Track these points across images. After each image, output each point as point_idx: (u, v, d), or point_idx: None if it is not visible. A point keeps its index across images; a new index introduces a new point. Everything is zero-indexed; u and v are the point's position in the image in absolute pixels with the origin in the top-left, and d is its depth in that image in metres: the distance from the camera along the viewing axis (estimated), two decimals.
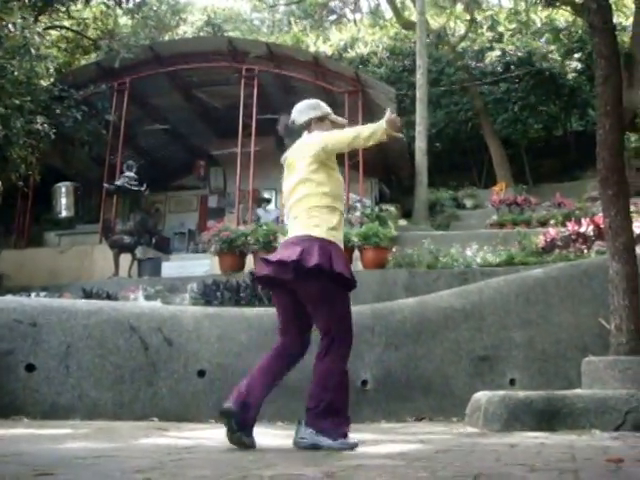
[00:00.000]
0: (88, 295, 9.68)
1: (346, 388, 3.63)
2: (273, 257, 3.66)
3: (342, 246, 3.80)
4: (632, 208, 7.21)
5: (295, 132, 4.00)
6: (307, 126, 4.01)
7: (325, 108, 4.11)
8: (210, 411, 5.89)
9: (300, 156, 3.83)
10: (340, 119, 4.17)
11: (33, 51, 12.05)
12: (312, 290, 3.59)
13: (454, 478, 2.16)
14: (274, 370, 3.68)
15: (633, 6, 20.95)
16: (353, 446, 3.41)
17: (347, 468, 2.44)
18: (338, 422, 3.51)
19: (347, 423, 3.58)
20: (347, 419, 3.60)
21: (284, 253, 3.61)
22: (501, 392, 5.09)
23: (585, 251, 10.06)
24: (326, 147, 3.79)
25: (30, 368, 5.85)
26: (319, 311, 3.63)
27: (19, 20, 11.80)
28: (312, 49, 23.88)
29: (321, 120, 4.04)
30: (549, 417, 4.71)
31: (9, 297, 7.16)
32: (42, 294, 10.20)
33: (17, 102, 11.55)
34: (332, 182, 3.80)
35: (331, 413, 3.49)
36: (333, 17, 33.40)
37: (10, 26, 11.58)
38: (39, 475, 2.13)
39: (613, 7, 7.13)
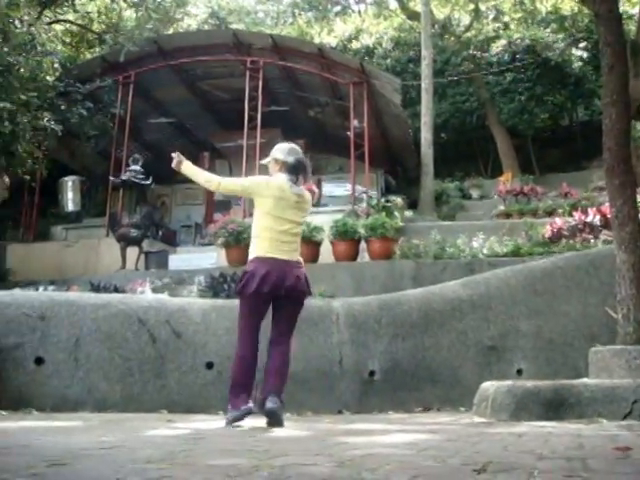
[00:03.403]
0: (96, 289, 9.70)
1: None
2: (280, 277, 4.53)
3: None
4: (639, 198, 7.19)
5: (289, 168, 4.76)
6: (299, 172, 4.84)
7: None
8: (218, 402, 5.92)
9: (300, 199, 4.74)
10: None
11: (39, 47, 12.05)
12: (301, 300, 4.71)
13: (463, 466, 2.17)
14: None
15: None
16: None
17: (356, 457, 2.46)
18: None
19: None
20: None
21: (292, 274, 4.59)
22: (509, 382, 5.10)
23: (592, 241, 10.04)
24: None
25: (39, 361, 5.90)
26: (296, 315, 4.73)
27: (25, 17, 11.81)
28: (317, 41, 23.82)
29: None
30: (557, 406, 4.71)
31: (17, 291, 7.20)
32: (50, 288, 10.23)
33: (24, 98, 11.55)
34: None
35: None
36: (337, 8, 33.25)
37: (17, 22, 11.57)
38: (51, 466, 2.15)
39: None
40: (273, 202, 4.63)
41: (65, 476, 1.95)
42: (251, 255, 4.67)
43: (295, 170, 4.72)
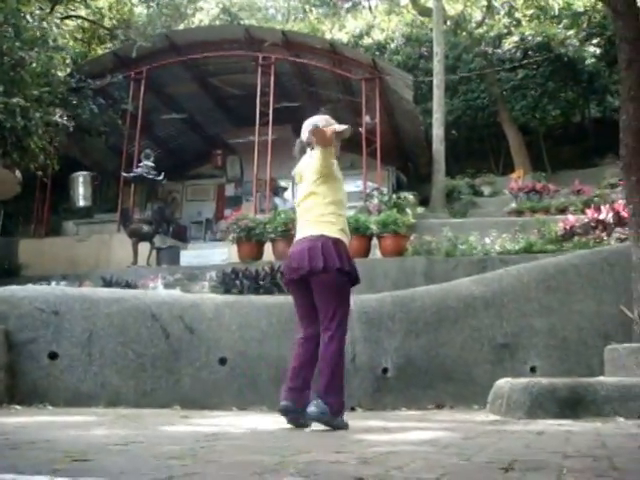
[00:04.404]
0: (108, 284, 9.71)
1: (343, 368, 4.01)
2: (294, 260, 4.09)
3: (348, 244, 4.24)
4: None
5: (301, 149, 4.44)
6: (309, 143, 4.36)
7: (321, 122, 4.28)
8: (231, 399, 5.92)
9: (307, 170, 4.25)
10: (336, 127, 4.23)
11: (50, 42, 12.05)
12: (323, 281, 3.99)
13: (489, 464, 2.15)
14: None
15: None
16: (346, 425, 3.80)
17: (379, 455, 2.44)
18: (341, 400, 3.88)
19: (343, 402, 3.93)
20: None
21: (303, 252, 4.03)
22: (524, 379, 5.08)
23: (605, 238, 9.99)
24: (322, 164, 4.13)
25: (53, 356, 5.91)
26: (325, 299, 4.01)
27: (37, 11, 11.82)
28: (328, 37, 23.77)
29: None
30: (573, 404, 4.69)
31: (30, 286, 7.19)
32: (62, 283, 10.24)
33: (36, 93, 11.56)
34: (335, 192, 4.18)
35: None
36: (348, 4, 33.16)
37: (28, 17, 11.58)
38: (74, 461, 2.14)
39: None
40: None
41: (89, 472, 1.94)
42: (339, 233, 4.17)
43: (300, 143, 4.47)
